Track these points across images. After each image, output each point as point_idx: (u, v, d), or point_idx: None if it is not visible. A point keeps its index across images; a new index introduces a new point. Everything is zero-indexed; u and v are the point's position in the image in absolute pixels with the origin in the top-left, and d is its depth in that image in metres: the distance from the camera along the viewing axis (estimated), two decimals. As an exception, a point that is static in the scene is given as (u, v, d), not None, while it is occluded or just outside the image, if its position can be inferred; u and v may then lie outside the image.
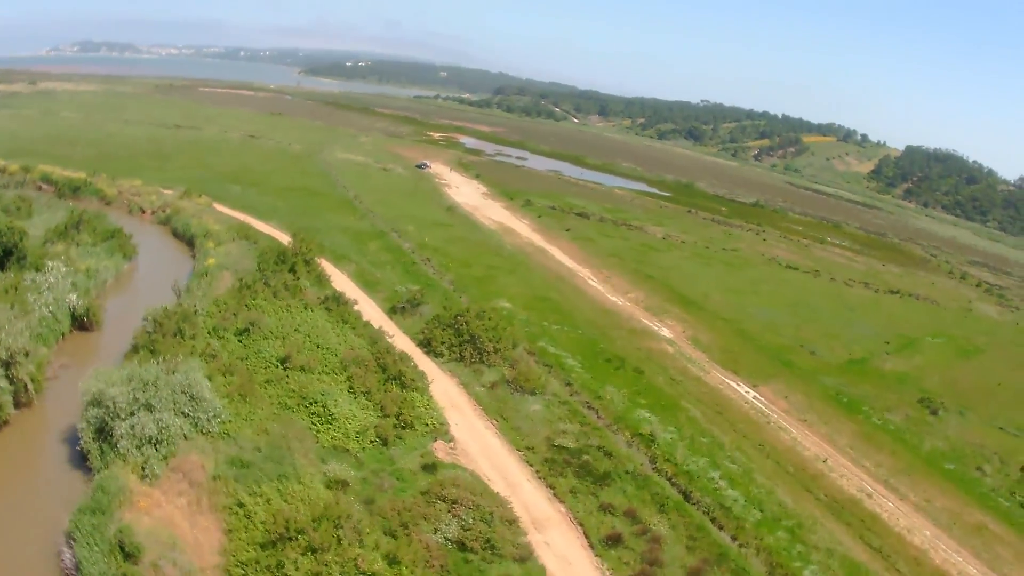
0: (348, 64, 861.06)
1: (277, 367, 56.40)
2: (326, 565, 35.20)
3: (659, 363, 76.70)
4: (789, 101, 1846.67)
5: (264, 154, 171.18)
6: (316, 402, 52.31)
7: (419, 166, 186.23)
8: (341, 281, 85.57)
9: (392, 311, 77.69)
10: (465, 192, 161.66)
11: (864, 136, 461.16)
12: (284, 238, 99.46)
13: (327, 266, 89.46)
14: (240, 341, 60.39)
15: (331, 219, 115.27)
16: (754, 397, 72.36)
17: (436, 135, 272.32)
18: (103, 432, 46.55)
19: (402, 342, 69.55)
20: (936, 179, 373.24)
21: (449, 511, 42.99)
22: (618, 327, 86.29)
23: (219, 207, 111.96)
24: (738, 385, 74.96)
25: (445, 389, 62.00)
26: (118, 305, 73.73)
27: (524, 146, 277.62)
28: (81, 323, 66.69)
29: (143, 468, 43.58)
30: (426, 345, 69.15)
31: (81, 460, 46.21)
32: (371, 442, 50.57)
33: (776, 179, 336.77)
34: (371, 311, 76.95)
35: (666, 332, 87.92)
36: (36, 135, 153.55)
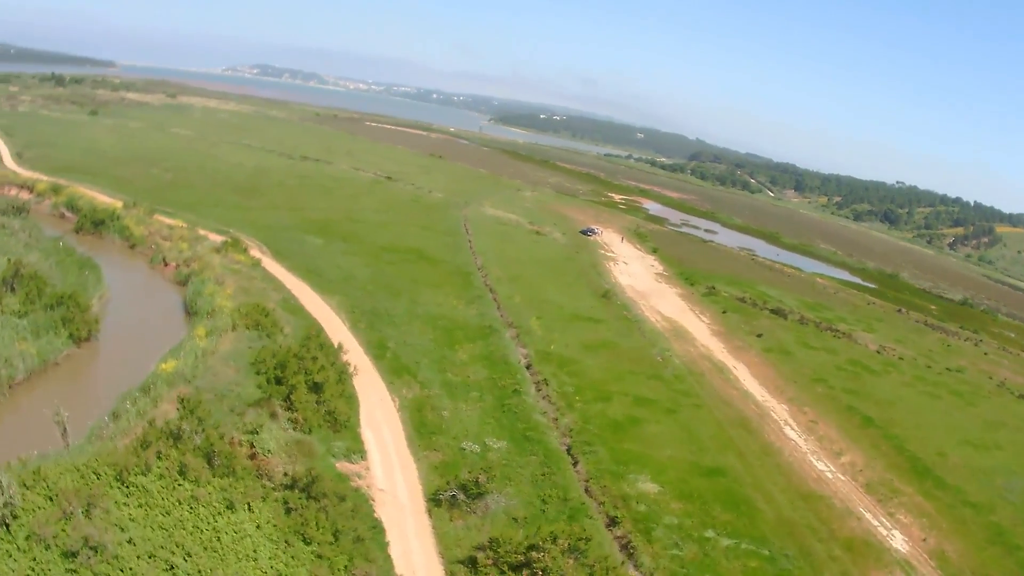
0: (542, 116, 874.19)
1: None
2: None
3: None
4: (981, 187, 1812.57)
5: (388, 200, 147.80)
6: None
7: (585, 232, 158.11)
8: (381, 418, 56.50)
9: (435, 500, 46.61)
10: (634, 271, 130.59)
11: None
12: (338, 325, 72.76)
13: (373, 385, 61.16)
14: (67, 573, 31.34)
15: (426, 300, 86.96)
16: None
17: (617, 197, 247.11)
18: None
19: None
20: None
21: None
22: (827, 535, 52.81)
23: (274, 266, 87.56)
24: None
25: None
26: (19, 421, 48.88)
27: (715, 217, 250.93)
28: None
29: None
30: (464, 602, 37.52)
31: None
32: None
33: (972, 271, 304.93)
34: (400, 495, 47.01)
35: (899, 541, 54.03)
36: (117, 151, 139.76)
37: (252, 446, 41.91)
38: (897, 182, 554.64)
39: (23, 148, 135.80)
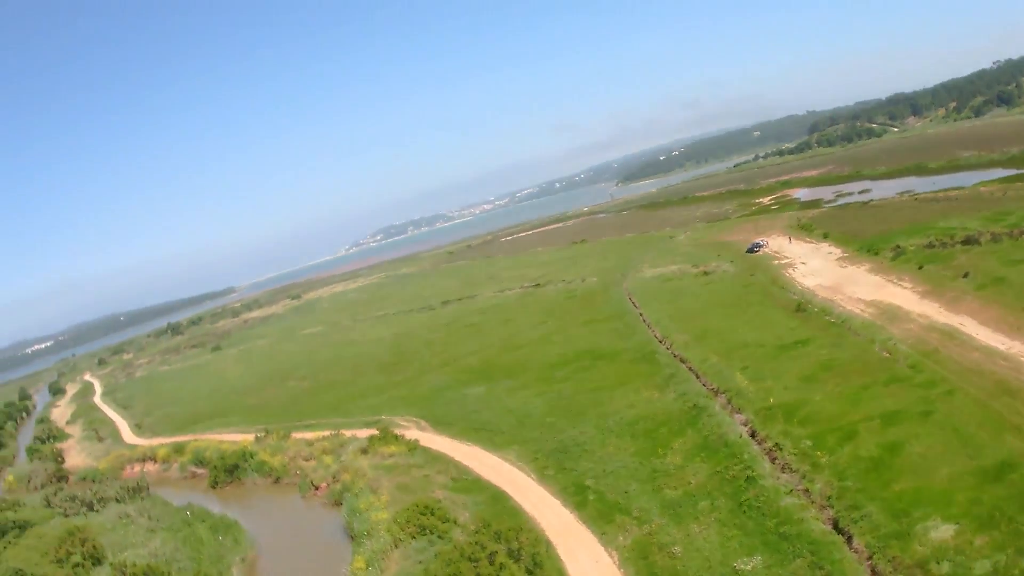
0: (662, 158, 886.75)
1: None
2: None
3: None
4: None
5: (542, 310, 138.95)
6: None
7: (751, 249, 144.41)
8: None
9: None
10: (814, 266, 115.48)
11: None
12: (524, 482, 62.24)
13: (581, 542, 50.45)
14: None
15: (615, 406, 74.79)
16: None
17: (765, 199, 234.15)
18: None
19: None
20: None
21: None
22: None
23: (435, 440, 79.17)
24: None
25: None
26: None
27: (860, 176, 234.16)
28: None
29: None
30: None
31: None
32: None
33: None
34: None
35: None
36: (245, 379, 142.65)
37: None
38: (994, 62, 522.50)
39: (142, 417, 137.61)
